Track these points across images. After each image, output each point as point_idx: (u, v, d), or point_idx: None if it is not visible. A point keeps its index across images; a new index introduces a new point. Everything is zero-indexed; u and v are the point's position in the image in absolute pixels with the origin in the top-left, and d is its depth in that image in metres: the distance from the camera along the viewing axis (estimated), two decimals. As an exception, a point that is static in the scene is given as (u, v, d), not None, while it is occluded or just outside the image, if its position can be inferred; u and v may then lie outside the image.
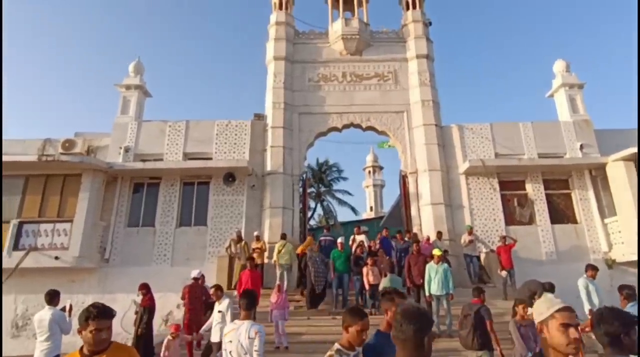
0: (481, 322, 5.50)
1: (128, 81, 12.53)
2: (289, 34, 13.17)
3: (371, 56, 13.16)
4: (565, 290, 7.83)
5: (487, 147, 12.26)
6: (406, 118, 12.50)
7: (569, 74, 13.30)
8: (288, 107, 12.32)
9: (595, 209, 11.60)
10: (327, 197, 24.42)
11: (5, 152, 11.64)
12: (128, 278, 10.31)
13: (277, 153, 11.86)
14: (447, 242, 11.01)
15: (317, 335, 8.08)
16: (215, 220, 11.47)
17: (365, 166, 42.28)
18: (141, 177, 11.79)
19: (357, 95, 12.72)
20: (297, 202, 11.96)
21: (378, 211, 37.33)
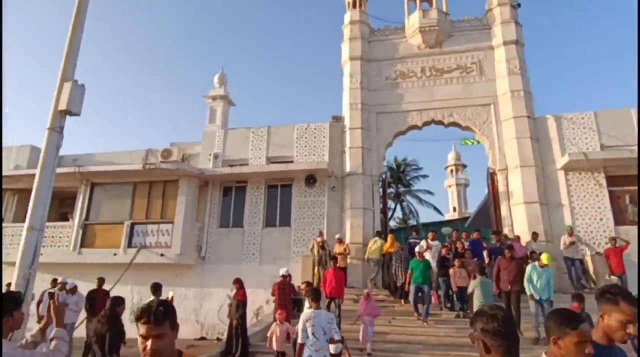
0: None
1: (214, 92, 13.52)
2: (363, 32, 13.07)
3: (452, 47, 12.50)
4: None
5: (591, 138, 11.03)
6: (493, 111, 11.73)
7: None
8: (365, 108, 12.30)
9: None
10: (407, 197, 23.89)
11: (115, 162, 13.35)
12: (222, 274, 11.24)
13: (355, 154, 11.94)
14: (543, 243, 10.21)
15: (401, 335, 8.13)
16: (299, 221, 11.96)
17: (447, 165, 40.29)
18: (229, 181, 12.71)
19: (438, 90, 12.23)
20: (377, 203, 11.94)
21: (462, 211, 35.44)
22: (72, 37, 5.00)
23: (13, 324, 2.42)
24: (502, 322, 1.55)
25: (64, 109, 4.70)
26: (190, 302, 12.07)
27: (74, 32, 5.02)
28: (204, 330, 11.72)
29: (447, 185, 39.29)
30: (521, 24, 12.44)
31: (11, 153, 14.25)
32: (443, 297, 9.34)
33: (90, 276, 11.02)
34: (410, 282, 8.70)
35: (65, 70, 4.89)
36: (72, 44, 4.98)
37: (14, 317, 2.41)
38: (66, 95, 4.73)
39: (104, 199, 12.95)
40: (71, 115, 4.80)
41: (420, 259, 8.83)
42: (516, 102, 11.47)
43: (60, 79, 4.84)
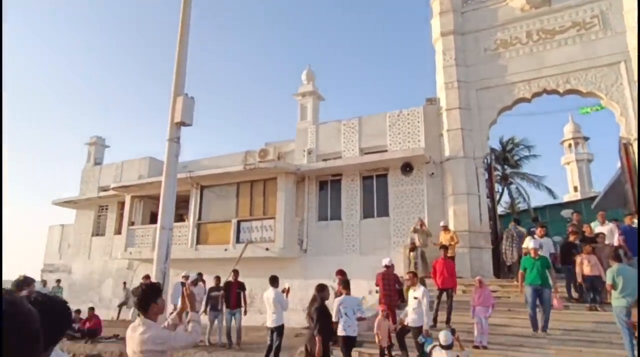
0: None
1: (303, 89, 13.89)
2: (455, 3, 12.07)
3: (565, 2, 10.90)
4: None
5: None
6: (624, 70, 9.97)
7: None
8: (462, 85, 11.46)
9: None
10: (516, 179, 21.75)
11: (219, 165, 14.56)
12: (324, 266, 11.59)
13: (455, 136, 11.25)
14: None
15: (521, 328, 7.54)
16: (397, 210, 11.75)
17: (564, 139, 35.72)
18: (324, 175, 12.99)
19: (550, 55, 10.80)
20: (483, 187, 11.14)
21: (586, 190, 31.28)
22: (180, 53, 5.38)
23: (158, 309, 2.77)
24: None
25: (179, 121, 5.09)
26: (297, 292, 12.65)
27: (181, 48, 5.39)
28: (307, 320, 12.28)
29: (565, 162, 34.69)
30: (656, -39, 10.33)
31: (134, 165, 16.51)
32: (567, 287, 8.55)
33: (206, 268, 12.28)
34: (524, 285, 7.39)
35: (177, 85, 5.27)
36: (180, 59, 5.36)
37: (158, 303, 2.76)
38: (179, 108, 5.12)
39: (212, 200, 14.27)
40: (185, 125, 5.18)
41: (535, 256, 7.47)
42: (655, 56, 9.62)
43: (173, 94, 5.23)
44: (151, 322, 2.70)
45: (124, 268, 15.68)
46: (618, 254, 7.37)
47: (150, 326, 2.66)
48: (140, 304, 2.76)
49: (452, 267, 8.57)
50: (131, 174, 16.31)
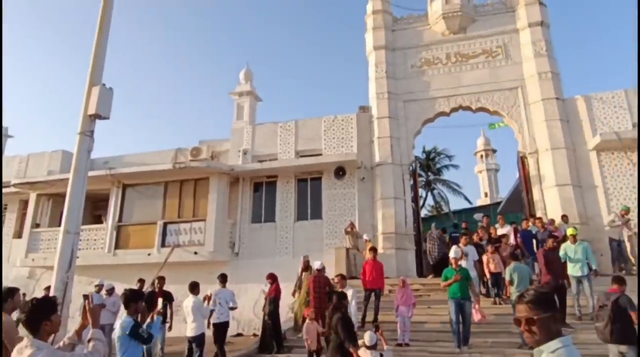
0: (621, 313, 5.13)
1: (240, 88, 13.97)
2: (386, 21, 13.33)
3: (476, 32, 12.71)
4: None
5: (623, 117, 11.25)
6: (521, 94, 11.97)
7: None
8: (392, 96, 12.63)
9: None
10: (438, 185, 24.33)
11: (146, 163, 13.89)
12: (256, 269, 11.65)
13: (384, 144, 12.31)
14: (577, 226, 10.50)
15: (438, 324, 8.36)
16: (330, 213, 12.39)
17: (477, 150, 40.83)
18: (259, 177, 13.17)
19: (465, 76, 12.50)
20: (409, 192, 12.32)
21: (494, 196, 36.02)
22: (99, 42, 5.13)
23: (52, 327, 2.50)
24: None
25: (94, 113, 4.77)
26: (226, 297, 12.64)
27: (100, 37, 5.15)
28: (240, 326, 12.22)
29: (478, 170, 39.82)
30: (546, 5, 12.59)
31: (44, 159, 14.89)
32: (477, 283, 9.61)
33: (126, 276, 11.61)
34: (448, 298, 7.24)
35: (93, 74, 4.99)
36: (98, 48, 5.11)
37: (52, 321, 2.48)
38: (95, 99, 4.80)
39: (136, 200, 13.50)
40: (101, 118, 4.88)
41: (456, 267, 7.43)
42: (544, 84, 11.70)
43: (88, 84, 4.92)
44: (42, 344, 2.38)
45: (24, 277, 13.99)
46: (516, 253, 8.47)
47: (41, 347, 2.35)
48: (28, 323, 2.43)
49: (380, 268, 9.08)
50: (39, 168, 14.66)
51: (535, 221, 10.32)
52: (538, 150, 11.58)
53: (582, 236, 10.06)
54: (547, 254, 7.91)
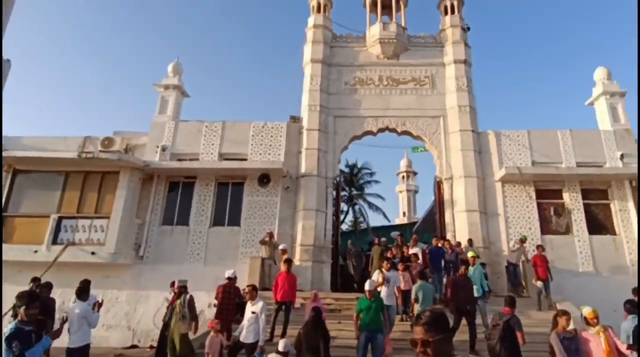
0: (510, 333, 5.56)
1: (167, 81, 13.26)
2: (326, 37, 13.75)
3: (408, 60, 13.64)
4: (603, 302, 8.21)
5: (524, 154, 12.64)
6: (442, 123, 12.95)
7: (610, 82, 13.59)
8: (324, 110, 12.89)
9: (635, 221, 11.83)
10: (359, 200, 25.06)
11: (46, 148, 12.45)
12: (161, 276, 10.85)
13: (311, 155, 12.42)
14: (480, 249, 11.40)
15: (347, 340, 8.14)
16: (249, 220, 12.06)
17: (399, 171, 42.86)
18: (177, 176, 12.45)
19: (393, 100, 13.22)
20: (331, 205, 12.48)
21: (411, 216, 37.78)
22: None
23: None
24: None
25: None
26: (123, 306, 11.51)
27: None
28: (136, 337, 11.21)
29: (399, 190, 41.89)
30: (470, 46, 13.95)
31: None
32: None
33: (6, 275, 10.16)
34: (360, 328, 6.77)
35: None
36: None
37: None
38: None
39: (28, 189, 11.97)
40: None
41: (371, 297, 6.87)
42: (462, 116, 12.79)
43: None
44: None
45: None
46: (424, 272, 8.88)
47: None
48: None
49: (293, 281, 8.87)
50: None
51: (444, 242, 10.99)
52: (453, 176, 12.47)
53: (484, 259, 10.97)
54: (456, 281, 8.04)
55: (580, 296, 10.23)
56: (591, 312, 5.31)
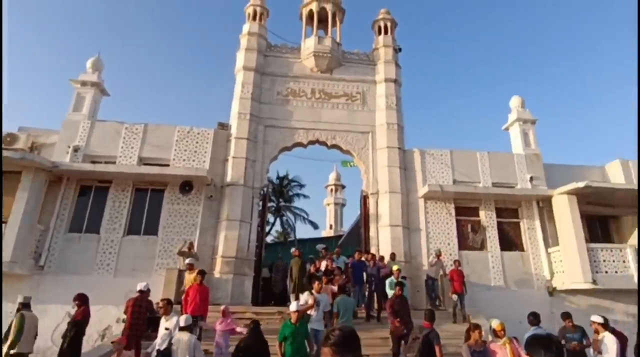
0: (429, 346, 5.84)
1: (84, 77, 12.44)
2: (260, 45, 13.77)
3: (341, 75, 14.02)
4: (511, 314, 8.82)
5: (446, 173, 13.41)
6: (371, 139, 13.39)
7: (524, 109, 14.94)
8: (254, 119, 12.81)
9: (540, 239, 12.96)
10: (287, 212, 24.99)
11: None
12: (64, 288, 10.02)
13: (238, 164, 12.23)
14: (402, 263, 11.81)
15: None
16: (168, 230, 11.53)
17: (328, 184, 43.62)
18: (89, 180, 11.63)
19: (325, 113, 13.47)
20: (256, 216, 12.32)
21: (337, 229, 38.50)
22: None
23: None
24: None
25: None
26: (8, 321, 10.43)
27: None
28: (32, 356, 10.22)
29: (326, 203, 42.62)
30: (401, 66, 14.67)
31: None
32: None
33: None
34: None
35: None
36: None
37: None
38: None
39: None
40: None
41: (296, 322, 6.30)
42: (390, 134, 13.33)
43: None
44: None
45: None
46: (344, 287, 9.24)
47: None
48: None
49: (206, 293, 8.60)
50: None
51: (367, 256, 11.23)
52: (379, 191, 12.88)
53: (405, 273, 11.35)
54: (394, 303, 8.07)
55: (491, 308, 10.96)
56: (499, 325, 5.79)
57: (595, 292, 12.07)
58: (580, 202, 12.51)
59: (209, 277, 11.02)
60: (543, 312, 10.94)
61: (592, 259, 11.82)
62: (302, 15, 14.78)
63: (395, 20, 15.11)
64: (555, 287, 12.41)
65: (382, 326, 9.57)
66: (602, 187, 12.56)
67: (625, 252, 12.15)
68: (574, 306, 11.99)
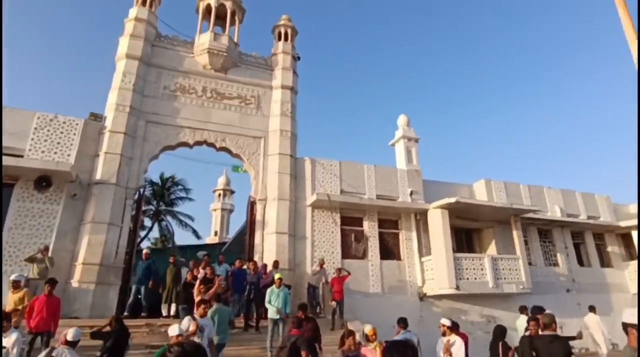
0: (296, 353, 5.88)
1: None
2: (149, 33, 12.93)
3: (237, 77, 13.87)
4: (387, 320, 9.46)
5: (335, 183, 14.06)
6: (263, 145, 13.45)
7: (409, 128, 16.46)
8: (134, 112, 11.93)
9: (416, 248, 14.31)
10: (168, 217, 23.58)
11: None
12: None
13: (112, 161, 11.25)
14: (286, 271, 12.00)
15: None
16: (15, 232, 10.08)
17: (216, 188, 42.20)
18: None
19: (216, 113, 13.17)
20: (129, 220, 11.42)
21: (223, 236, 37.59)
22: None
23: None
24: None
25: None
26: None
27: None
28: None
29: (213, 208, 41.09)
30: (298, 75, 15.08)
31: None
32: None
33: None
34: None
35: None
36: None
37: None
38: None
39: None
40: None
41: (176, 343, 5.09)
42: (283, 140, 13.56)
43: None
44: None
45: None
46: (219, 295, 8.97)
47: None
48: None
49: (56, 305, 7.74)
50: None
51: (249, 264, 11.16)
52: (267, 198, 12.96)
53: (288, 281, 11.53)
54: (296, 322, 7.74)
55: (369, 314, 11.66)
56: (371, 330, 6.21)
57: (457, 297, 13.67)
58: (451, 216, 14.11)
59: (65, 287, 9.93)
60: (414, 316, 12.19)
61: (457, 267, 13.38)
62: (199, 8, 14.31)
63: (296, 28, 15.51)
64: (426, 293, 13.75)
65: (261, 335, 9.59)
66: (470, 203, 14.34)
67: (483, 261, 13.99)
68: (439, 309, 13.44)
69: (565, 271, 16.56)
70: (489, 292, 13.70)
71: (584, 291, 16.26)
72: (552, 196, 17.79)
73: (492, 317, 14.07)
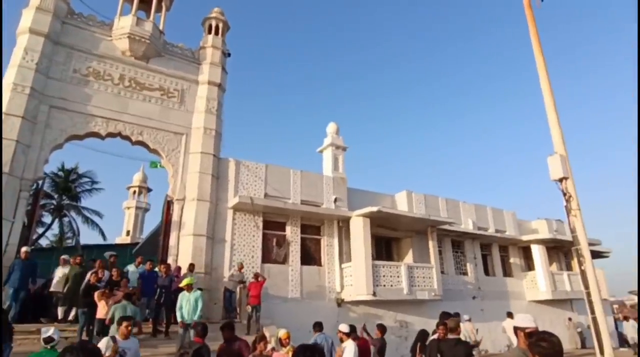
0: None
1: None
2: (59, 8, 11.96)
3: (159, 67, 13.41)
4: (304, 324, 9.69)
5: (259, 186, 14.15)
6: (184, 141, 13.14)
7: (338, 136, 17.11)
8: (36, 95, 10.98)
9: (337, 255, 14.87)
10: (72, 212, 21.67)
11: None
12: None
13: (6, 147, 10.21)
14: (202, 275, 11.80)
15: None
16: None
17: (131, 185, 40.08)
18: None
19: (133, 104, 12.60)
20: (22, 214, 10.46)
21: (136, 236, 35.86)
22: None
23: None
24: None
25: None
26: None
27: None
28: None
29: (126, 206, 39.07)
30: (227, 72, 15.00)
31: None
32: (79, 331, 8.96)
33: None
34: None
35: None
36: None
37: None
38: None
39: None
40: None
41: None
42: (207, 139, 13.37)
43: None
44: None
45: None
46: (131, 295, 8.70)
47: None
48: None
49: None
50: None
51: (161, 267, 10.80)
52: (186, 198, 12.68)
53: (204, 285, 11.38)
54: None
55: (287, 319, 11.90)
56: (284, 334, 6.35)
57: (374, 303, 14.44)
58: (372, 225, 14.91)
59: None
60: (331, 321, 12.62)
61: (375, 274, 14.14)
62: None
63: (228, 23, 15.42)
64: (344, 299, 14.34)
65: (170, 341, 9.37)
66: (391, 213, 15.26)
67: (400, 268, 14.95)
68: (356, 315, 14.09)
69: (473, 280, 18.28)
70: (403, 299, 14.66)
71: (487, 298, 18.09)
72: (467, 209, 19.56)
73: (405, 323, 15.09)
